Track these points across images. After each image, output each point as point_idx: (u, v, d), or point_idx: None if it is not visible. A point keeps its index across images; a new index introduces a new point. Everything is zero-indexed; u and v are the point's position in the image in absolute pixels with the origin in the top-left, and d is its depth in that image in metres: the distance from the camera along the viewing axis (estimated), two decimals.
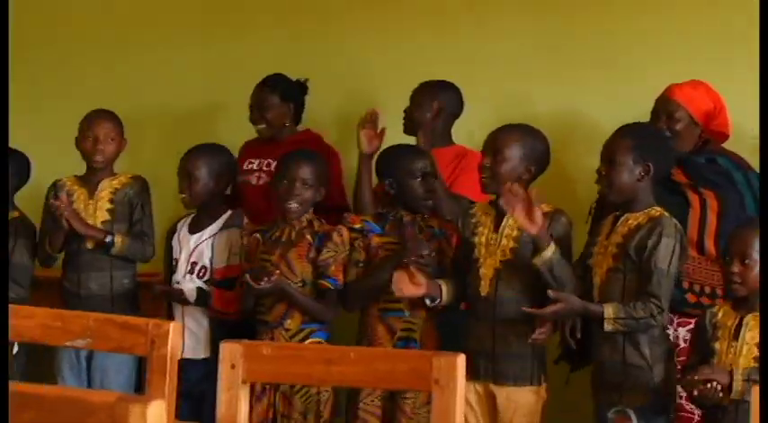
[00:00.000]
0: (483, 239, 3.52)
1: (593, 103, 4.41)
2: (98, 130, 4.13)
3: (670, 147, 3.54)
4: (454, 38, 4.63)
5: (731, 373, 3.04)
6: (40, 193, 4.30)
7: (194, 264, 3.93)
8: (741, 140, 3.98)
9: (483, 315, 3.48)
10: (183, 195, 3.96)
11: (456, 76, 4.29)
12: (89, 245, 4.09)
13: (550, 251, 3.32)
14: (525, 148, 3.50)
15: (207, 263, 3.91)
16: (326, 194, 3.89)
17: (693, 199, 3.77)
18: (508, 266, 3.46)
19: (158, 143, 4.88)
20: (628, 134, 3.42)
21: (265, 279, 3.59)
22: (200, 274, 3.92)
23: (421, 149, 3.94)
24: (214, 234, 3.94)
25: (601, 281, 3.37)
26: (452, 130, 4.28)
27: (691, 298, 3.69)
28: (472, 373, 3.42)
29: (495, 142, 3.51)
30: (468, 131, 4.30)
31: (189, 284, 3.88)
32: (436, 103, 4.19)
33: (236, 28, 4.95)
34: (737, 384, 3.01)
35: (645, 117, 3.92)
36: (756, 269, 3.09)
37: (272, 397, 3.68)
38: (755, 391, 1.92)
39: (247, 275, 3.62)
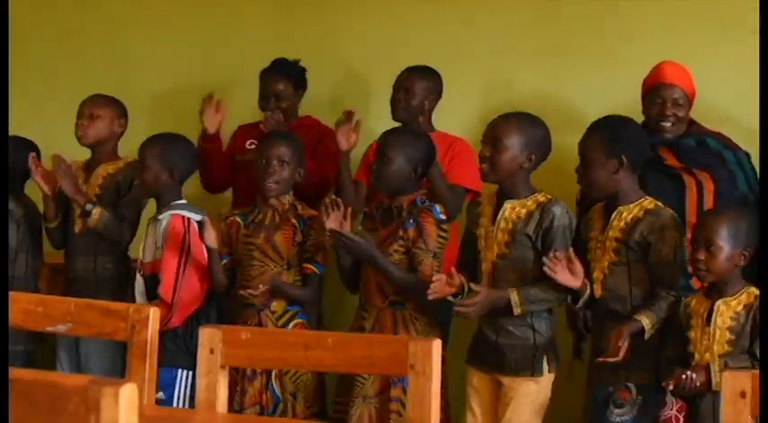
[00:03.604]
0: (482, 231, 3.49)
1: (578, 89, 4.41)
2: (83, 109, 4.21)
3: (640, 133, 3.50)
4: (440, 24, 4.63)
5: (708, 369, 3.08)
6: None
7: None
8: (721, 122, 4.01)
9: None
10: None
11: (441, 63, 4.30)
12: (76, 228, 4.12)
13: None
14: (525, 136, 3.43)
15: None
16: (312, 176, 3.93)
17: (689, 182, 3.76)
18: (503, 260, 3.44)
19: (149, 128, 4.81)
20: (596, 129, 3.41)
21: (250, 292, 3.72)
22: None
23: None
24: None
25: (603, 275, 3.36)
26: (436, 117, 4.28)
27: (696, 282, 3.67)
28: (478, 362, 3.51)
29: (495, 131, 3.43)
30: (452, 118, 4.31)
31: None
32: (423, 88, 4.19)
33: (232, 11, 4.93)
34: (716, 376, 3.03)
35: (627, 100, 3.94)
36: (721, 256, 3.12)
37: (264, 379, 3.72)
38: (726, 378, 1.97)
39: (241, 292, 3.74)
